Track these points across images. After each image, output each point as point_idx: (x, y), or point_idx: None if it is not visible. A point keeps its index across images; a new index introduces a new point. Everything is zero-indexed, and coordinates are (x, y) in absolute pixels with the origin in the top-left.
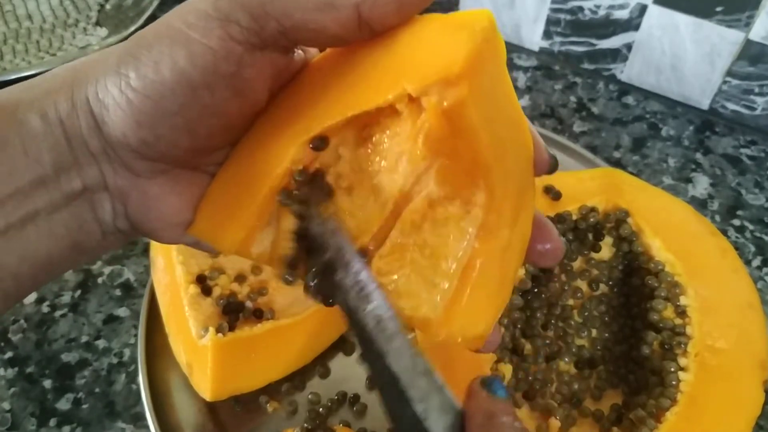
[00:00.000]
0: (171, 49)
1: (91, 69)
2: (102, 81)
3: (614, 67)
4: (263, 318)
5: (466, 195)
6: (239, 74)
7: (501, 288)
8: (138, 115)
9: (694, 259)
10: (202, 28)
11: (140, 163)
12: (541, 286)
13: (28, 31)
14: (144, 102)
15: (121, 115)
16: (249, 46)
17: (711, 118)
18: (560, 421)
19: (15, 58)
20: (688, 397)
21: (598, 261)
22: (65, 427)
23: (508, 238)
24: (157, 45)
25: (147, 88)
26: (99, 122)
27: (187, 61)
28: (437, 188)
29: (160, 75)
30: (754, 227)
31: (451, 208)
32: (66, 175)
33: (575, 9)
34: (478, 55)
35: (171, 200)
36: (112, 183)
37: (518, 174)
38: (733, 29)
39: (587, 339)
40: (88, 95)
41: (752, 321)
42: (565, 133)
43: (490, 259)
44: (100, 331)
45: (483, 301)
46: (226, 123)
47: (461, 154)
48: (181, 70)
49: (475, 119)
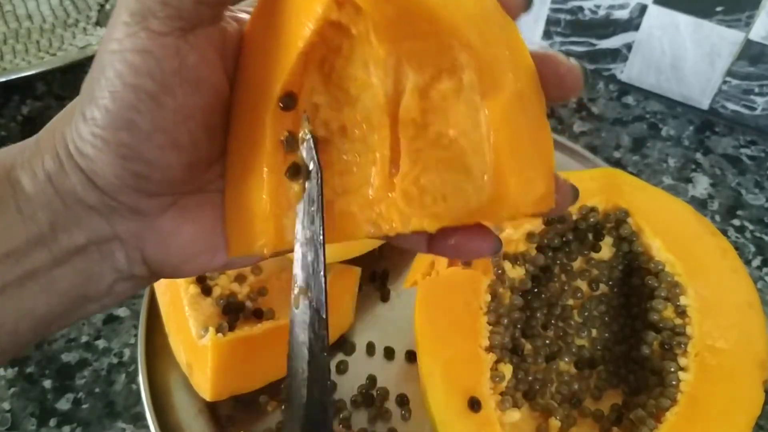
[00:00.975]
0: (114, 72)
1: (65, 124)
2: (75, 132)
3: (614, 67)
4: (263, 318)
5: (449, 64)
6: (185, 64)
7: (539, 136)
8: (118, 149)
9: (694, 259)
10: (130, 38)
11: (145, 201)
12: (541, 286)
13: (28, 31)
14: (118, 135)
15: (105, 159)
16: (178, 32)
17: (711, 118)
18: (560, 421)
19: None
20: (688, 397)
21: (598, 261)
22: (65, 427)
23: (515, 82)
24: (102, 76)
25: (113, 119)
26: (90, 176)
27: (134, 74)
28: (418, 75)
29: (117, 101)
30: (754, 227)
31: (442, 86)
32: (65, 233)
33: (575, 9)
34: None
35: (188, 230)
36: (123, 231)
37: (487, 15)
38: (733, 29)
39: (587, 339)
40: (71, 151)
41: (752, 321)
42: (565, 133)
43: (511, 112)
44: (100, 331)
45: (528, 159)
46: (203, 122)
47: (418, 24)
48: (133, 86)
49: None
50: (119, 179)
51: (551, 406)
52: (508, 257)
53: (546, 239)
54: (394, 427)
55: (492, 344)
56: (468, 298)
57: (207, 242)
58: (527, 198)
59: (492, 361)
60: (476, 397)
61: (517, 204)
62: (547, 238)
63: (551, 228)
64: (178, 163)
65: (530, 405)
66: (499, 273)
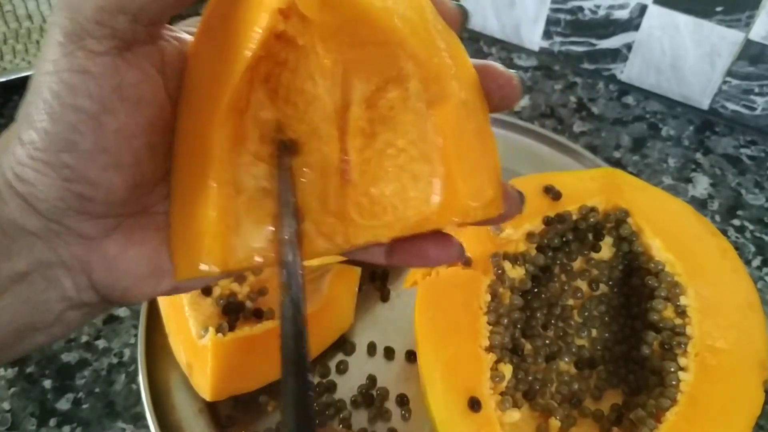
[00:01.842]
0: (52, 94)
1: (5, 147)
2: (13, 158)
3: (614, 67)
4: (263, 318)
5: (395, 73)
6: (125, 82)
7: (485, 143)
8: (61, 171)
9: (694, 259)
10: (66, 59)
11: (89, 224)
12: (541, 286)
13: (28, 31)
14: (59, 156)
15: (47, 182)
16: (115, 51)
17: (711, 118)
18: (560, 421)
19: (15, 58)
20: (688, 397)
21: (598, 261)
22: (65, 427)
23: (460, 90)
24: (38, 99)
25: (54, 141)
26: (30, 201)
27: (72, 95)
28: (365, 85)
29: (57, 122)
30: (754, 227)
31: (389, 95)
32: (5, 261)
33: (575, 9)
34: None
35: (133, 253)
36: (67, 256)
37: (430, 26)
38: (733, 29)
39: (587, 339)
40: (9, 178)
41: (752, 321)
42: (565, 133)
43: (457, 119)
44: (100, 331)
45: (476, 165)
46: (146, 141)
47: (364, 34)
48: (72, 106)
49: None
50: (62, 201)
51: (551, 406)
52: (508, 257)
53: (546, 239)
54: (394, 427)
55: (492, 344)
56: (468, 298)
57: (152, 265)
58: (477, 203)
59: (492, 361)
60: (476, 397)
61: (467, 209)
62: (547, 238)
63: (551, 228)
64: (122, 183)
65: (530, 405)
66: (499, 273)
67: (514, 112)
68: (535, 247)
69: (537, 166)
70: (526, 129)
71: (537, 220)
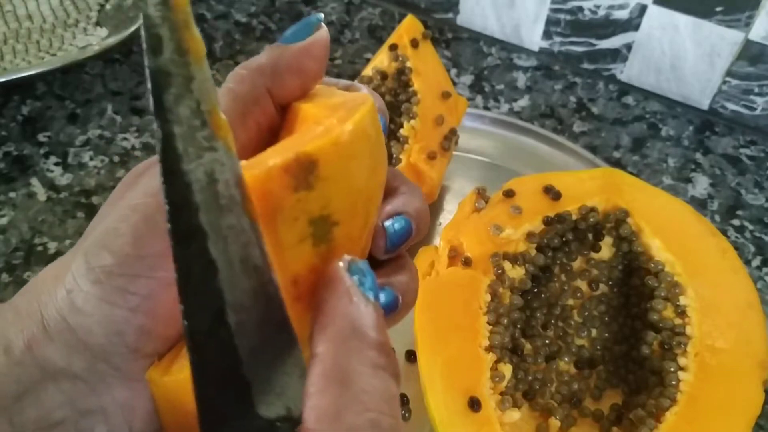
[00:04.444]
0: (145, 218)
1: (52, 281)
2: (73, 284)
3: (614, 67)
4: None
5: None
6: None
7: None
8: (129, 300)
9: (694, 259)
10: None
11: (139, 364)
12: (541, 286)
13: (28, 31)
14: (134, 282)
15: (107, 312)
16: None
17: (711, 118)
18: (560, 421)
19: (15, 58)
20: (688, 397)
21: (598, 261)
22: None
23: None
24: (124, 224)
25: (133, 265)
26: (81, 336)
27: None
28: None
29: (141, 247)
30: (754, 227)
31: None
32: (38, 410)
33: (575, 9)
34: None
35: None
36: (109, 401)
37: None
38: (733, 29)
39: (587, 339)
40: (61, 308)
41: (752, 321)
42: (565, 133)
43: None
44: None
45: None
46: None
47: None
48: (161, 232)
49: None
50: (118, 336)
51: (551, 406)
52: (508, 257)
53: (546, 239)
54: None
55: (492, 344)
56: (468, 298)
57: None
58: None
59: (492, 361)
60: (476, 397)
61: None
62: (547, 238)
63: (551, 228)
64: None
65: (530, 405)
66: (499, 273)
67: (513, 112)
68: (535, 247)
69: (537, 166)
70: (526, 129)
71: (537, 220)
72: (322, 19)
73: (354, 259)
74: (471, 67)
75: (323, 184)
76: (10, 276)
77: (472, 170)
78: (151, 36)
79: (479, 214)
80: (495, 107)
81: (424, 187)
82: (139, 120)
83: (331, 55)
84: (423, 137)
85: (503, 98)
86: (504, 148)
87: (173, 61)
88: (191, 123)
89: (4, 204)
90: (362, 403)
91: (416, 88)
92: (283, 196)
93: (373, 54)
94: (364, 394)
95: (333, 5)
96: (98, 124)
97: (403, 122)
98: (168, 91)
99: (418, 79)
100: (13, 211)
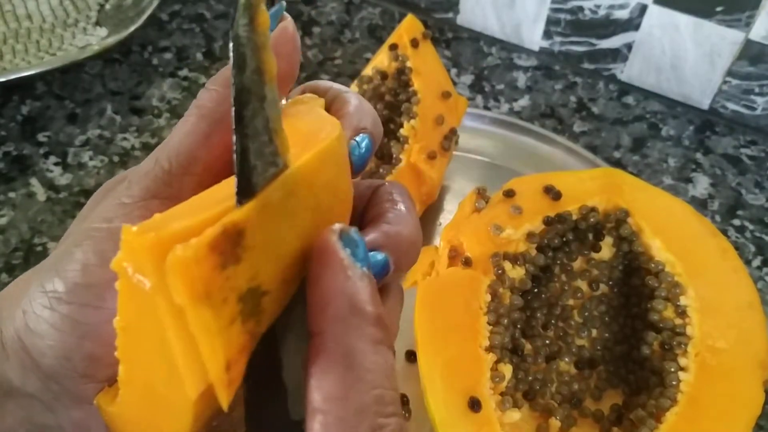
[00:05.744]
0: (95, 247)
1: (13, 299)
2: (29, 307)
3: (614, 67)
4: None
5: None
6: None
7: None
8: (79, 328)
9: (694, 259)
10: (123, 216)
11: (90, 387)
12: (541, 286)
13: (28, 31)
14: (82, 312)
15: (58, 337)
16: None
17: (711, 118)
18: (560, 421)
19: (15, 58)
20: (688, 397)
21: (598, 261)
22: None
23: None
24: (78, 250)
25: (81, 295)
26: (34, 355)
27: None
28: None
29: (89, 276)
30: (754, 227)
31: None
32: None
33: (575, 9)
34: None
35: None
36: (66, 421)
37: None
38: (733, 29)
39: (587, 339)
40: (18, 328)
41: (752, 321)
42: (565, 133)
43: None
44: None
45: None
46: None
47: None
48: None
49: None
50: (68, 361)
51: (551, 406)
52: (508, 257)
53: (546, 239)
54: None
55: (492, 344)
56: (468, 298)
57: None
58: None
59: (492, 361)
60: (476, 397)
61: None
62: (547, 238)
63: (551, 228)
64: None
65: (530, 405)
66: (499, 273)
67: (514, 111)
68: (535, 247)
69: (537, 166)
70: (526, 129)
71: (537, 220)
72: (285, 8)
73: (345, 228)
74: (471, 67)
75: (251, 254)
76: (10, 276)
77: (472, 170)
78: (239, 55)
79: (479, 214)
80: (495, 107)
81: (424, 186)
82: (138, 120)
83: (331, 54)
84: (423, 137)
85: (503, 98)
86: (504, 148)
87: (252, 80)
88: (261, 139)
89: (3, 204)
90: (367, 382)
91: (416, 88)
92: (211, 279)
93: (373, 54)
94: (368, 373)
95: (333, 5)
96: (98, 124)
97: (403, 122)
98: (247, 108)
99: (418, 79)
100: (12, 211)
